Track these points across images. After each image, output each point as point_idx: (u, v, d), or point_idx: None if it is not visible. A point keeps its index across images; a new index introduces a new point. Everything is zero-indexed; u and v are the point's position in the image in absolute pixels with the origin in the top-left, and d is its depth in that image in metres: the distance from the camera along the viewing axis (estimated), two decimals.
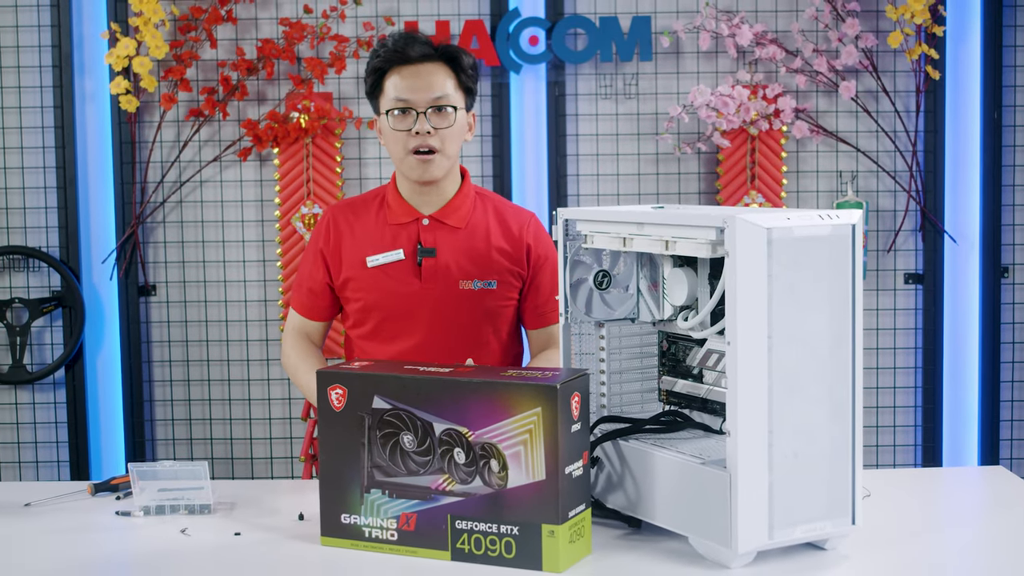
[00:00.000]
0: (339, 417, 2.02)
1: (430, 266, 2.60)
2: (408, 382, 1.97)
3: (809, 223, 1.90)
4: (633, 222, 2.08)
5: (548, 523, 1.89)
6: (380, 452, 1.99)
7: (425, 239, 2.61)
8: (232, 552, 2.03)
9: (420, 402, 1.96)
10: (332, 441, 2.03)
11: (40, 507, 2.30)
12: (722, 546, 1.88)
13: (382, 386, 1.98)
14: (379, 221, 2.64)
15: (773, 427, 1.87)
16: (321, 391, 2.03)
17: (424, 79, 2.52)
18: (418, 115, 2.51)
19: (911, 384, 4.21)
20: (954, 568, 1.98)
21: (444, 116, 2.53)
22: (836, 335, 1.93)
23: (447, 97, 2.53)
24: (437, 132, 2.52)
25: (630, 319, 2.27)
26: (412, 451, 1.97)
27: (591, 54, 4.05)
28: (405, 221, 2.62)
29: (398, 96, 2.52)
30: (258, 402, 4.21)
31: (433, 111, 2.52)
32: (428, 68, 2.53)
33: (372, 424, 1.99)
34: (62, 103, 4.07)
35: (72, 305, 4.10)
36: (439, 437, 1.95)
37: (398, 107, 2.52)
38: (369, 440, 2.00)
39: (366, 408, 2.00)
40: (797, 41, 4.04)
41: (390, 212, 2.63)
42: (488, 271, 2.63)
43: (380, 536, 2.01)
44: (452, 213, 2.63)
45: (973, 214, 4.14)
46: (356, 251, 2.63)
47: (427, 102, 2.51)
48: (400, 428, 1.97)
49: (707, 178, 4.15)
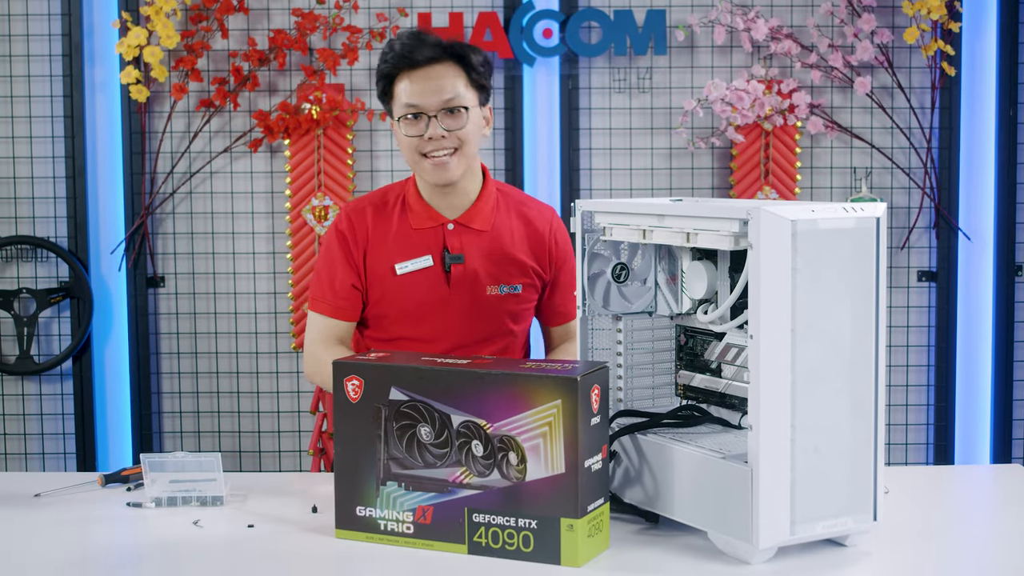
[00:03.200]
0: (355, 408, 1.99)
1: (459, 272, 2.56)
2: (426, 373, 1.95)
3: (834, 216, 1.89)
4: (653, 214, 2.06)
5: (567, 517, 1.88)
6: (397, 444, 1.97)
7: (452, 244, 2.57)
8: (246, 544, 2.02)
9: (438, 394, 1.94)
10: (348, 433, 2.01)
11: (50, 498, 2.28)
12: (743, 541, 1.87)
13: (400, 377, 1.96)
14: (402, 226, 2.59)
15: (795, 422, 1.86)
16: (337, 382, 2.01)
17: (433, 82, 2.48)
18: (429, 119, 2.47)
19: (924, 382, 4.19)
20: (977, 565, 1.96)
21: (456, 118, 2.49)
22: (859, 329, 1.92)
23: (458, 98, 2.48)
24: (451, 134, 2.49)
25: (647, 312, 2.26)
26: (429, 443, 1.95)
27: (605, 47, 4.03)
28: (430, 226, 2.58)
29: (408, 102, 2.48)
30: (267, 395, 4.20)
31: (444, 113, 2.48)
32: (437, 70, 2.48)
33: (389, 415, 1.97)
34: (72, 92, 4.05)
35: (80, 296, 4.09)
36: (457, 429, 1.93)
37: (409, 112, 2.48)
38: (386, 432, 1.98)
39: (383, 399, 1.97)
40: (812, 36, 4.03)
41: (413, 216, 2.59)
42: (514, 275, 2.60)
43: (396, 529, 1.99)
44: (476, 216, 2.59)
45: (988, 212, 4.13)
46: (383, 257, 2.58)
47: (438, 106, 2.47)
48: (417, 420, 1.95)
49: (720, 173, 4.13)
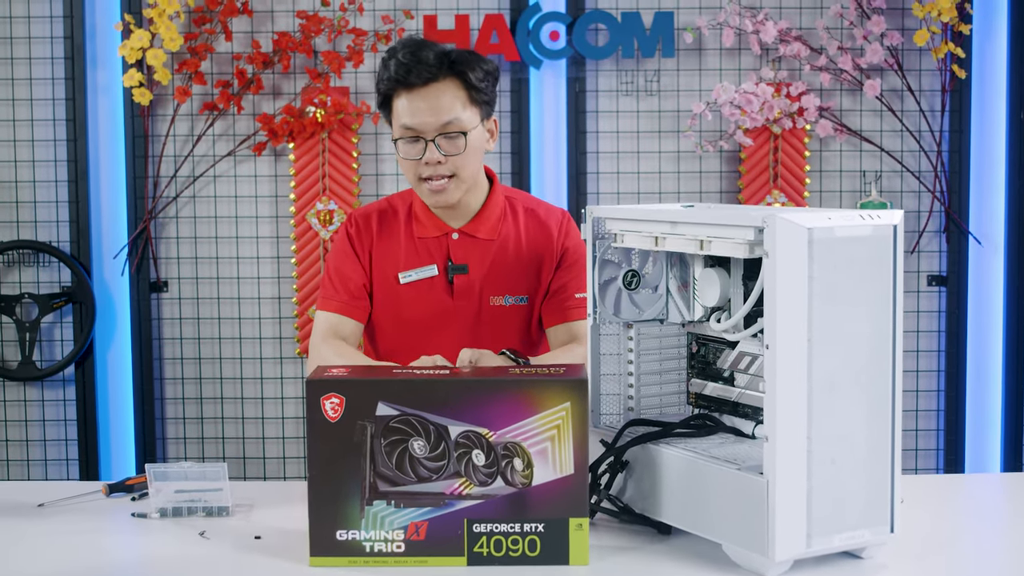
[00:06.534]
0: (334, 428, 1.91)
1: (462, 283, 2.52)
2: (420, 385, 1.90)
3: (850, 223, 1.87)
4: (666, 221, 2.04)
5: (576, 517, 1.88)
6: (386, 461, 1.91)
7: (455, 255, 2.52)
8: (253, 557, 1.99)
9: (433, 406, 1.90)
10: (325, 454, 1.92)
11: (54, 508, 2.26)
12: (758, 554, 1.84)
13: (388, 391, 1.91)
14: (407, 235, 2.54)
15: (812, 432, 1.83)
16: (312, 401, 1.92)
17: (431, 103, 2.39)
18: (427, 143, 2.40)
19: (933, 388, 4.17)
20: None
21: (454, 143, 2.40)
22: (876, 338, 1.89)
23: (456, 122, 2.39)
24: (448, 159, 2.41)
25: (659, 320, 2.23)
26: (423, 457, 1.91)
27: (612, 50, 4.01)
28: (434, 235, 2.53)
29: (405, 123, 2.40)
30: (271, 401, 4.18)
31: (442, 137, 2.40)
32: (435, 90, 2.39)
33: (376, 432, 1.92)
34: (74, 95, 4.04)
35: (83, 301, 4.07)
36: (456, 440, 1.89)
37: (407, 135, 2.41)
38: (372, 449, 1.92)
39: (368, 416, 1.91)
40: (822, 38, 4.00)
41: (418, 225, 2.54)
42: (520, 286, 2.55)
43: (384, 549, 1.93)
44: (482, 225, 2.53)
45: (998, 215, 4.10)
46: (387, 265, 2.54)
47: (435, 128, 2.39)
48: (410, 434, 1.90)
49: (729, 177, 4.10)
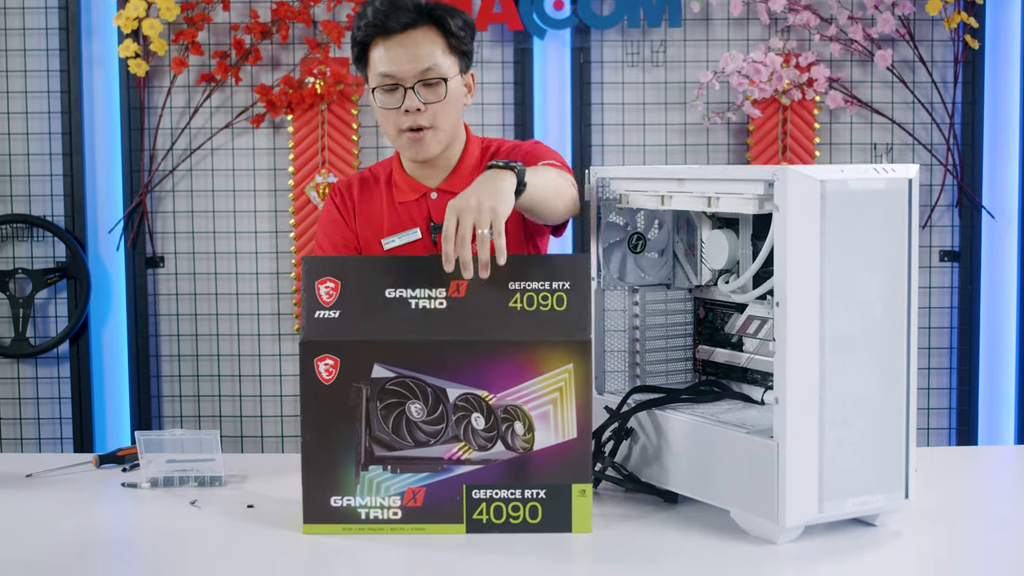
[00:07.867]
0: (328, 391, 1.87)
1: None
2: (418, 346, 1.85)
3: (864, 176, 1.82)
4: (672, 178, 1.98)
5: (579, 482, 1.84)
6: (381, 425, 1.86)
7: (436, 214, 2.47)
8: (245, 525, 1.95)
9: (431, 367, 1.85)
10: (319, 418, 1.87)
11: (42, 479, 2.23)
12: (768, 520, 1.79)
13: (385, 353, 1.85)
14: (389, 201, 2.51)
15: (824, 394, 1.78)
16: (306, 363, 1.87)
17: (409, 49, 2.34)
18: (406, 91, 2.35)
19: (946, 365, 4.11)
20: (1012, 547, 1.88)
21: (434, 90, 2.36)
22: (890, 296, 1.83)
23: (436, 68, 2.35)
24: (428, 108, 2.36)
25: (665, 285, 2.18)
26: (421, 421, 1.86)
27: (618, 19, 3.94)
28: (413, 198, 2.48)
29: (383, 71, 2.35)
30: (269, 378, 4.13)
31: (422, 85, 2.35)
32: (413, 37, 2.35)
33: (372, 395, 1.86)
34: (69, 67, 3.99)
35: (77, 276, 4.03)
36: (454, 403, 1.85)
37: (385, 83, 2.36)
38: (368, 412, 1.87)
39: (364, 378, 1.86)
40: (832, 8, 3.93)
41: (397, 190, 2.50)
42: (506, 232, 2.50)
43: (380, 516, 1.88)
44: (458, 179, 2.47)
45: (1012, 189, 4.04)
46: (371, 233, 2.50)
47: (415, 75, 2.34)
48: (407, 397, 1.86)
49: (737, 149, 4.05)
